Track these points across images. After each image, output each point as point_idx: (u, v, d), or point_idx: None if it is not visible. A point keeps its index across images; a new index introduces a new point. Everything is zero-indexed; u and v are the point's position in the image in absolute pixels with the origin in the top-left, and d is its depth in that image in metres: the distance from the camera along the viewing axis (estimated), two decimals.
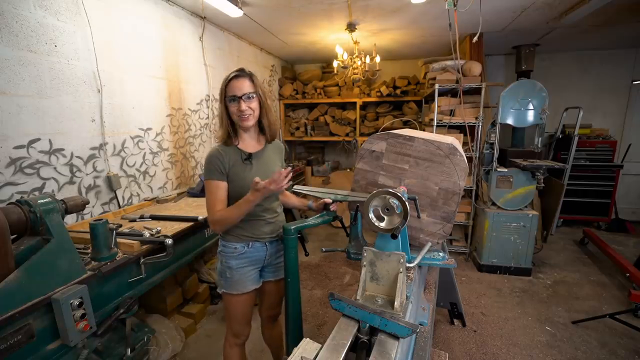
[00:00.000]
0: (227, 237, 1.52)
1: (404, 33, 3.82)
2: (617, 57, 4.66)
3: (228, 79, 1.39)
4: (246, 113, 1.38)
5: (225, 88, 1.39)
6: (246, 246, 1.51)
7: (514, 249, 3.29)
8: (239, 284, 1.52)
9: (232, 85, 1.37)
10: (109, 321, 1.46)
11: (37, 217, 1.23)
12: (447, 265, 1.44)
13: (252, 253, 1.53)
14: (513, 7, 2.97)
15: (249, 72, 1.42)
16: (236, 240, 1.51)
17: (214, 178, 1.40)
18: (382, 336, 0.91)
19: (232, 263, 1.51)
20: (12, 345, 1.10)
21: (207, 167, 1.41)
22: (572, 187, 4.38)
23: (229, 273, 1.51)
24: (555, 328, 2.53)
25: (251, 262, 1.54)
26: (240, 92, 1.37)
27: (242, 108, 1.37)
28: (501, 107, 3.23)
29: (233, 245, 1.50)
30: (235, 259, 1.51)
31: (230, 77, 1.39)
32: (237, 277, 1.51)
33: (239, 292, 1.52)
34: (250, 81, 1.39)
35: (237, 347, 1.65)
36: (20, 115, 1.70)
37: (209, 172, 1.41)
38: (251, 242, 1.52)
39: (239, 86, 1.37)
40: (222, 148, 1.43)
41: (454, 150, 1.36)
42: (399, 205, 1.12)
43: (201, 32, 3.19)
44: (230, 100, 1.38)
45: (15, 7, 1.65)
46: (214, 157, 1.41)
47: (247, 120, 1.41)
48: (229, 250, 1.51)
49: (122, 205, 2.35)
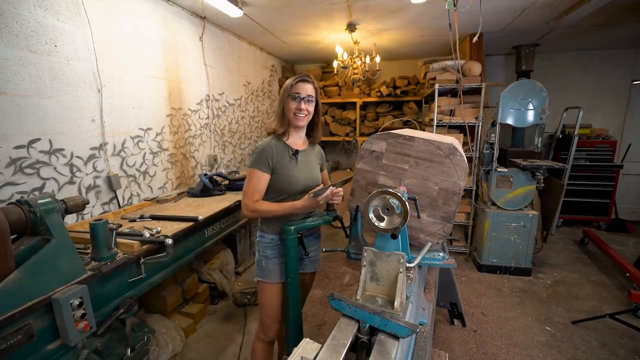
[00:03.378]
0: (264, 228, 1.61)
1: (403, 33, 3.82)
2: (617, 57, 4.66)
3: (296, 80, 1.52)
4: (303, 112, 1.52)
5: (290, 87, 1.51)
6: (280, 237, 1.58)
7: (514, 249, 3.29)
8: (273, 273, 1.59)
9: (299, 85, 1.51)
10: (109, 321, 1.46)
11: (37, 217, 1.23)
12: (447, 265, 1.44)
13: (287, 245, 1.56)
14: (513, 7, 2.97)
15: (313, 79, 1.57)
16: (273, 232, 1.59)
17: (260, 168, 1.49)
18: (382, 336, 0.91)
19: (268, 253, 1.59)
20: (12, 345, 1.10)
21: (258, 156, 1.49)
22: (572, 187, 4.38)
23: (265, 262, 1.60)
24: (555, 328, 2.53)
25: (283, 254, 1.59)
26: (304, 93, 1.51)
27: (302, 107, 1.51)
28: (501, 107, 3.23)
29: (270, 236, 1.59)
30: (272, 249, 1.59)
31: (298, 79, 1.53)
32: (272, 267, 1.59)
33: (273, 281, 1.59)
34: (313, 87, 1.55)
35: (263, 344, 1.68)
36: (20, 115, 1.70)
37: (257, 162, 1.49)
38: None
39: (304, 88, 1.52)
40: (274, 143, 1.53)
41: (454, 150, 1.36)
42: (399, 205, 1.12)
43: (201, 32, 3.19)
44: (293, 98, 1.50)
45: (15, 7, 1.65)
46: (266, 149, 1.51)
47: (302, 120, 1.54)
48: (265, 240, 1.60)
49: (122, 205, 2.35)
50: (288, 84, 1.53)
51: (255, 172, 1.49)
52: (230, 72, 3.80)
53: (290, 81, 1.54)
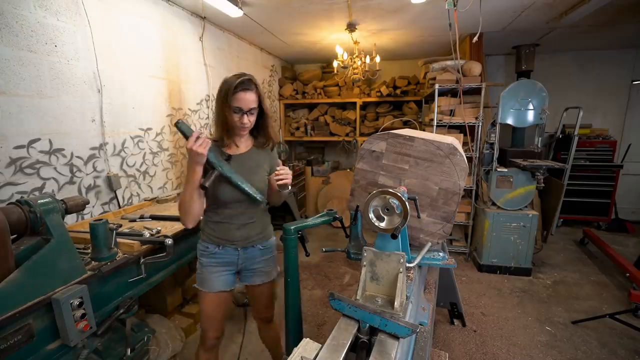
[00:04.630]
0: (202, 237, 1.56)
1: (403, 33, 3.82)
2: (617, 57, 4.66)
3: (235, 89, 1.35)
4: (247, 125, 1.41)
5: (231, 97, 1.35)
6: (217, 247, 1.52)
7: (514, 249, 3.29)
8: (207, 283, 1.54)
9: (239, 97, 1.36)
10: (109, 321, 1.46)
11: (37, 217, 1.23)
12: (447, 265, 1.45)
13: (222, 255, 1.53)
14: (513, 7, 2.97)
15: (255, 82, 1.40)
16: (208, 240, 1.53)
17: None
18: (382, 336, 0.91)
19: (203, 261, 1.54)
20: (12, 345, 1.10)
21: None
22: (572, 187, 4.39)
23: (200, 270, 1.55)
24: (555, 328, 2.53)
25: (221, 264, 1.54)
26: (246, 106, 1.38)
27: (245, 121, 1.39)
28: (501, 107, 3.23)
29: (206, 244, 1.54)
30: (206, 258, 1.54)
31: (238, 89, 1.35)
32: (206, 276, 1.54)
33: (207, 290, 1.54)
34: (256, 94, 1.40)
35: (202, 349, 1.63)
36: (20, 115, 1.70)
37: None
38: (222, 245, 1.52)
39: (245, 99, 1.37)
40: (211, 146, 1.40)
41: (454, 150, 1.36)
42: (399, 205, 1.12)
43: (201, 32, 3.19)
44: (235, 111, 1.38)
45: (15, 7, 1.65)
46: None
47: (246, 131, 1.45)
48: (202, 248, 1.55)
49: (122, 205, 2.35)
50: (225, 90, 1.36)
51: None
52: (231, 72, 3.80)
53: (228, 87, 1.35)
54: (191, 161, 1.31)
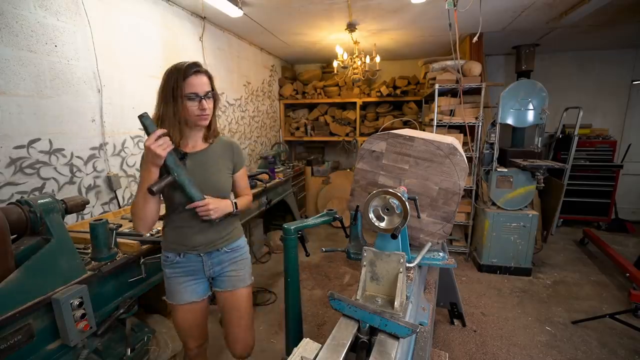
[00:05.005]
0: (163, 246, 1.45)
1: (403, 33, 3.82)
2: (617, 57, 4.66)
3: (187, 73, 1.22)
4: (207, 112, 1.28)
5: (183, 84, 1.22)
6: (178, 256, 1.41)
7: (514, 249, 3.29)
8: (175, 295, 1.44)
9: (192, 82, 1.23)
10: (109, 321, 1.46)
11: (37, 217, 1.23)
12: (447, 265, 1.45)
13: (185, 264, 1.42)
14: (513, 7, 2.97)
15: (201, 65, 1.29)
16: (168, 249, 1.42)
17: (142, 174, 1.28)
18: (382, 336, 0.91)
19: (167, 272, 1.44)
20: (12, 345, 1.10)
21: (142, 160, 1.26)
22: (572, 187, 4.39)
23: (166, 282, 1.45)
24: (555, 328, 2.53)
25: (186, 273, 1.43)
26: (202, 90, 1.25)
27: (205, 107, 1.26)
28: (501, 107, 3.23)
29: (166, 254, 1.43)
30: (169, 268, 1.43)
31: (189, 73, 1.22)
32: (173, 287, 1.43)
33: (176, 302, 1.44)
34: (207, 77, 1.28)
35: None
36: (20, 115, 1.70)
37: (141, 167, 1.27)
38: (183, 253, 1.40)
39: (201, 83, 1.25)
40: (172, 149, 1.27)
41: (454, 150, 1.36)
42: (399, 205, 1.12)
43: (201, 32, 3.19)
44: (190, 99, 1.24)
45: (15, 7, 1.65)
46: None
47: (207, 120, 1.31)
48: (163, 258, 1.45)
49: (122, 205, 2.35)
50: (174, 79, 1.22)
51: None
52: (230, 72, 3.80)
53: (176, 74, 1.22)
54: (147, 161, 1.19)
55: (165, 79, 1.25)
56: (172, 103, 1.24)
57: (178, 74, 1.21)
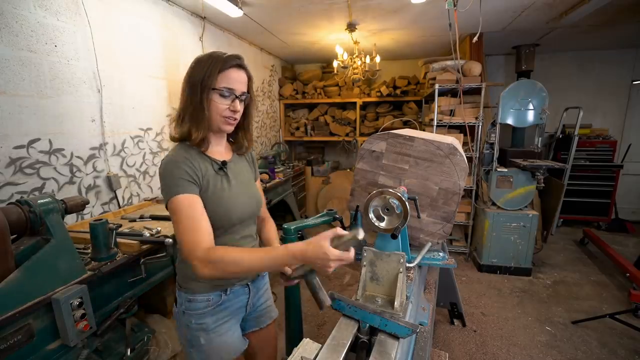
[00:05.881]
0: (192, 287, 1.06)
1: (404, 33, 3.82)
2: (617, 57, 4.66)
3: (224, 65, 1.00)
4: (237, 116, 1.04)
5: (218, 74, 0.99)
6: (223, 293, 1.08)
7: (514, 249, 3.29)
8: (223, 351, 1.08)
9: (230, 75, 1.00)
10: (109, 321, 1.46)
11: (37, 217, 1.23)
12: (447, 265, 1.45)
13: (231, 301, 1.11)
14: (513, 7, 2.97)
15: None
16: (208, 288, 1.06)
17: (186, 191, 0.94)
18: (382, 336, 0.91)
19: (208, 322, 1.07)
20: (12, 345, 1.10)
21: (171, 177, 0.95)
22: (572, 187, 4.38)
23: (205, 339, 1.06)
24: (555, 328, 2.53)
25: (233, 315, 1.12)
26: (239, 89, 1.02)
27: (238, 109, 1.02)
28: (501, 107, 3.23)
29: (204, 297, 1.06)
30: (212, 315, 1.07)
31: (228, 64, 1.00)
32: (219, 342, 1.07)
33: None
34: (247, 77, 1.06)
35: None
36: (20, 115, 1.70)
37: (175, 185, 0.94)
38: (229, 287, 1.10)
39: (239, 80, 1.02)
40: (186, 152, 1.01)
41: (454, 150, 1.36)
42: (399, 205, 1.12)
43: (201, 32, 3.19)
44: (222, 95, 1.00)
45: (15, 7, 1.65)
46: (179, 162, 0.97)
47: (232, 125, 1.06)
48: (199, 306, 1.05)
49: (122, 205, 2.35)
50: (208, 68, 0.98)
51: (180, 201, 0.93)
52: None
53: (212, 63, 0.99)
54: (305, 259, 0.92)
55: (194, 66, 1.01)
56: (198, 96, 0.99)
57: (213, 63, 0.99)
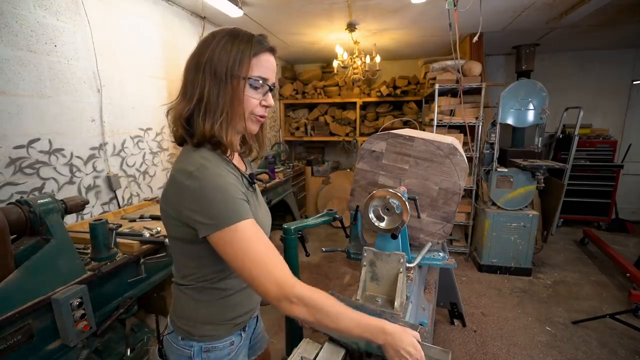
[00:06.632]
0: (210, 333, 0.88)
1: (404, 33, 3.82)
2: (617, 57, 4.66)
3: (257, 48, 0.77)
4: (267, 113, 0.85)
5: (250, 59, 0.76)
6: (242, 332, 0.96)
7: (514, 249, 3.29)
8: None
9: (264, 60, 0.78)
10: (109, 321, 1.46)
11: (37, 217, 1.23)
12: (447, 265, 1.44)
13: (247, 338, 1.00)
14: (513, 7, 2.97)
15: None
16: (229, 329, 0.91)
17: (249, 215, 0.75)
18: None
19: None
20: (12, 345, 1.10)
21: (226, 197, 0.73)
22: (572, 187, 4.38)
23: None
24: (555, 328, 2.53)
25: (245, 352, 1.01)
26: (273, 78, 0.82)
27: (270, 103, 0.82)
28: (501, 107, 3.23)
29: (227, 341, 0.90)
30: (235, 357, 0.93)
31: (261, 48, 0.78)
32: None
33: None
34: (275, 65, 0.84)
35: None
36: (20, 115, 1.70)
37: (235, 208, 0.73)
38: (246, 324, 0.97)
39: (272, 67, 0.81)
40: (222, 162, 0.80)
41: (454, 150, 1.36)
42: (399, 205, 1.12)
43: (201, 32, 3.19)
44: (253, 86, 0.78)
45: (15, 7, 1.65)
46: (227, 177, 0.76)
47: (258, 124, 0.86)
48: (223, 354, 0.90)
49: (122, 205, 2.35)
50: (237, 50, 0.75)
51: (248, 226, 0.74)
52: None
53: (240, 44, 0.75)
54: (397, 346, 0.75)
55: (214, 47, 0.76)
56: (229, 87, 0.76)
57: (244, 44, 0.75)
